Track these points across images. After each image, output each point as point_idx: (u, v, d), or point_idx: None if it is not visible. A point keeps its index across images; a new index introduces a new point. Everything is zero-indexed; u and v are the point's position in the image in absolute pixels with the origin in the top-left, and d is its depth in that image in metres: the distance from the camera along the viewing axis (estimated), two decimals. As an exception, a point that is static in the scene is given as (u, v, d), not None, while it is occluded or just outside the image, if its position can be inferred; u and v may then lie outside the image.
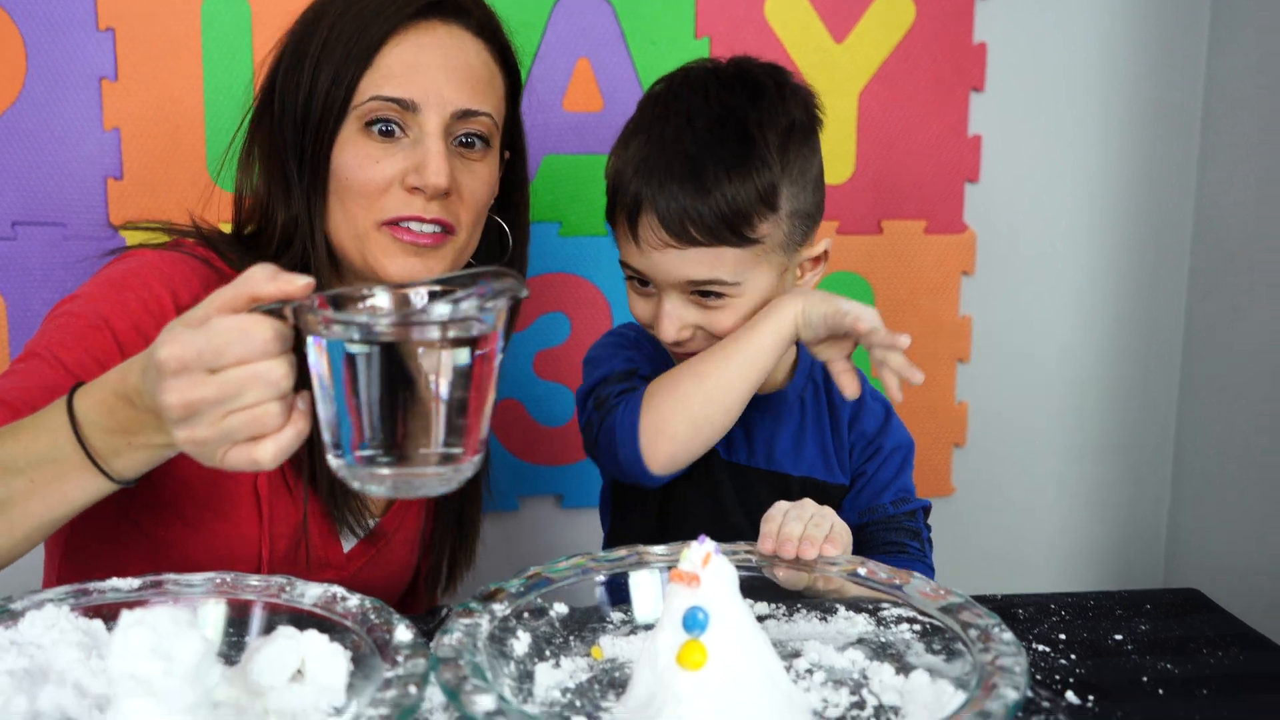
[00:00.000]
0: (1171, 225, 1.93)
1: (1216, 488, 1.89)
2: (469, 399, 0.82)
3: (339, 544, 1.25)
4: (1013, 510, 1.99)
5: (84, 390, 0.90)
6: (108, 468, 0.90)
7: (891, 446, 1.29)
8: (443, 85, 1.14)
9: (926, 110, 1.82)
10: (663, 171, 1.14)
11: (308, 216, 1.16)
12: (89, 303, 1.11)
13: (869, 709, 0.86)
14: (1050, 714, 0.87)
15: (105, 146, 1.59)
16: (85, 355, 1.07)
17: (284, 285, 0.81)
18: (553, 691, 0.88)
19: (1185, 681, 0.95)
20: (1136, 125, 1.89)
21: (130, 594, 0.89)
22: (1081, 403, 1.97)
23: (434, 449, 0.82)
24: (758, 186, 1.14)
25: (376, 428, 0.81)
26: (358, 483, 0.83)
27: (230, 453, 0.83)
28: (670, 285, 1.17)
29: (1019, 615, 1.07)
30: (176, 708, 0.70)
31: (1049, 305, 1.93)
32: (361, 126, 1.14)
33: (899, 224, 1.84)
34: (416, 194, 1.14)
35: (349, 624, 0.85)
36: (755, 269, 1.17)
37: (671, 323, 1.18)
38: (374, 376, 0.79)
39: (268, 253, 1.17)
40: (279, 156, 1.16)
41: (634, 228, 1.17)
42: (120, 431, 0.89)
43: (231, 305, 0.81)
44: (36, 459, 0.90)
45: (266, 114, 1.18)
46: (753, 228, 1.15)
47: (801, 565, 1.01)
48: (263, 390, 0.80)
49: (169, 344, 0.80)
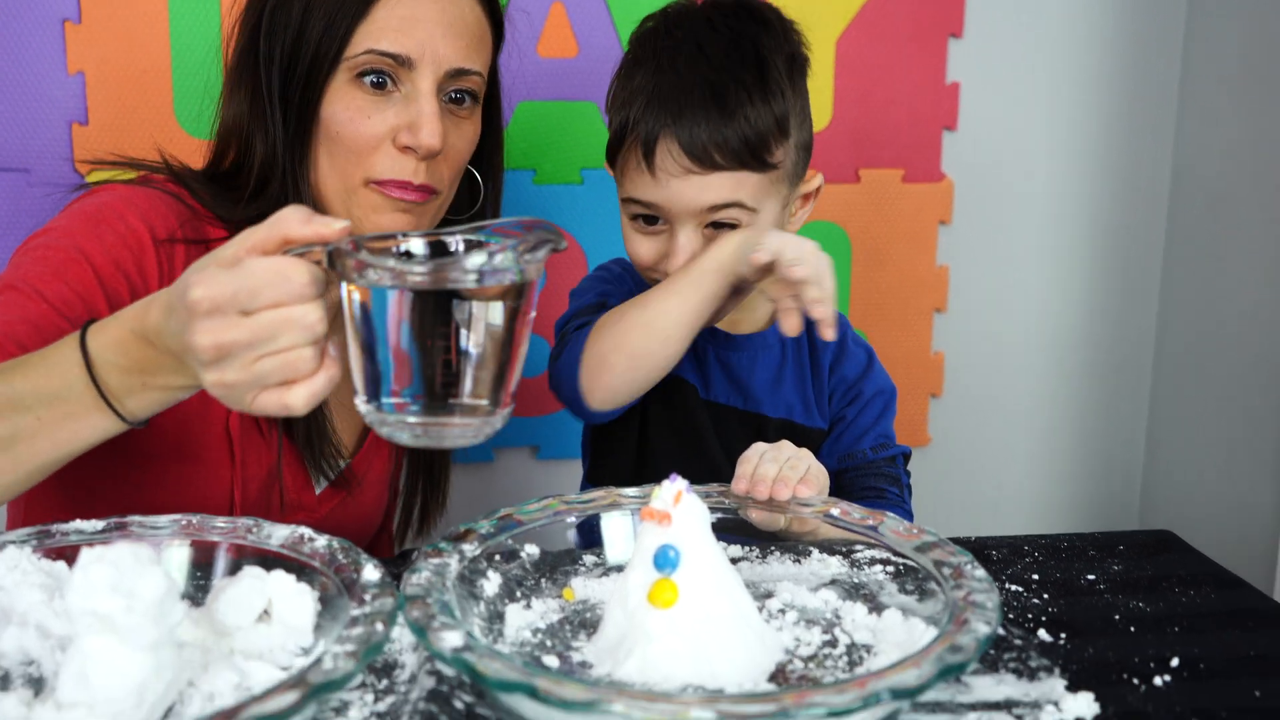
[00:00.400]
0: (1150, 171, 1.92)
1: (1192, 433, 1.90)
2: (501, 351, 0.82)
3: (311, 487, 1.24)
4: (990, 460, 1.99)
5: (97, 327, 0.88)
6: (120, 407, 0.88)
7: (873, 392, 1.29)
8: (439, 41, 1.13)
9: (904, 57, 1.80)
10: (681, 97, 1.13)
11: (290, 161, 1.14)
12: (65, 236, 1.08)
13: (841, 647, 0.85)
14: (1022, 651, 0.87)
15: (69, 91, 1.56)
16: (66, 288, 1.04)
17: (319, 228, 0.80)
18: (523, 632, 0.87)
19: (1156, 619, 0.95)
20: (1115, 72, 1.88)
21: (94, 535, 0.88)
22: (1058, 352, 1.97)
23: (464, 399, 0.82)
24: (774, 111, 1.14)
25: (407, 375, 0.80)
26: (386, 429, 0.82)
27: (260, 397, 0.81)
28: (687, 215, 1.15)
29: (992, 557, 1.07)
30: (139, 645, 0.69)
31: (1026, 255, 1.93)
32: (353, 77, 1.12)
33: (876, 173, 1.83)
34: (408, 153, 1.13)
35: (316, 565, 0.84)
36: (769, 197, 1.17)
37: (685, 256, 1.16)
38: (407, 324, 0.79)
39: (242, 193, 1.15)
40: (262, 97, 1.14)
41: (650, 157, 1.14)
42: (136, 371, 0.87)
43: (263, 246, 0.80)
44: (46, 396, 0.88)
45: (251, 52, 1.15)
46: (771, 152, 1.15)
47: (775, 506, 1.00)
48: (297, 334, 0.79)
49: (202, 284, 0.78)
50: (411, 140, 1.12)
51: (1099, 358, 1.98)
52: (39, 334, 1.00)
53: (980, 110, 1.85)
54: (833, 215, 1.82)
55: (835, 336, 1.07)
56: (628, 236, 1.21)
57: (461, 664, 0.70)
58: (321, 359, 0.81)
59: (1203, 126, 1.85)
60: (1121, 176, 1.92)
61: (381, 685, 0.80)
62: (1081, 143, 1.90)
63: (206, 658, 0.78)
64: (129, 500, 1.14)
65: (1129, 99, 1.89)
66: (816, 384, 1.29)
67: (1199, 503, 1.87)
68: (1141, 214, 1.94)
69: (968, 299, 1.91)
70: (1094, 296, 1.96)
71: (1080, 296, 1.96)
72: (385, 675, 0.82)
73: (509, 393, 0.84)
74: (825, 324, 1.06)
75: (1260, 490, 1.71)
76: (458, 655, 0.71)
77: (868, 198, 1.83)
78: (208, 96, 1.57)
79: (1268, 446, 1.70)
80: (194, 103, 1.59)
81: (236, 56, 1.17)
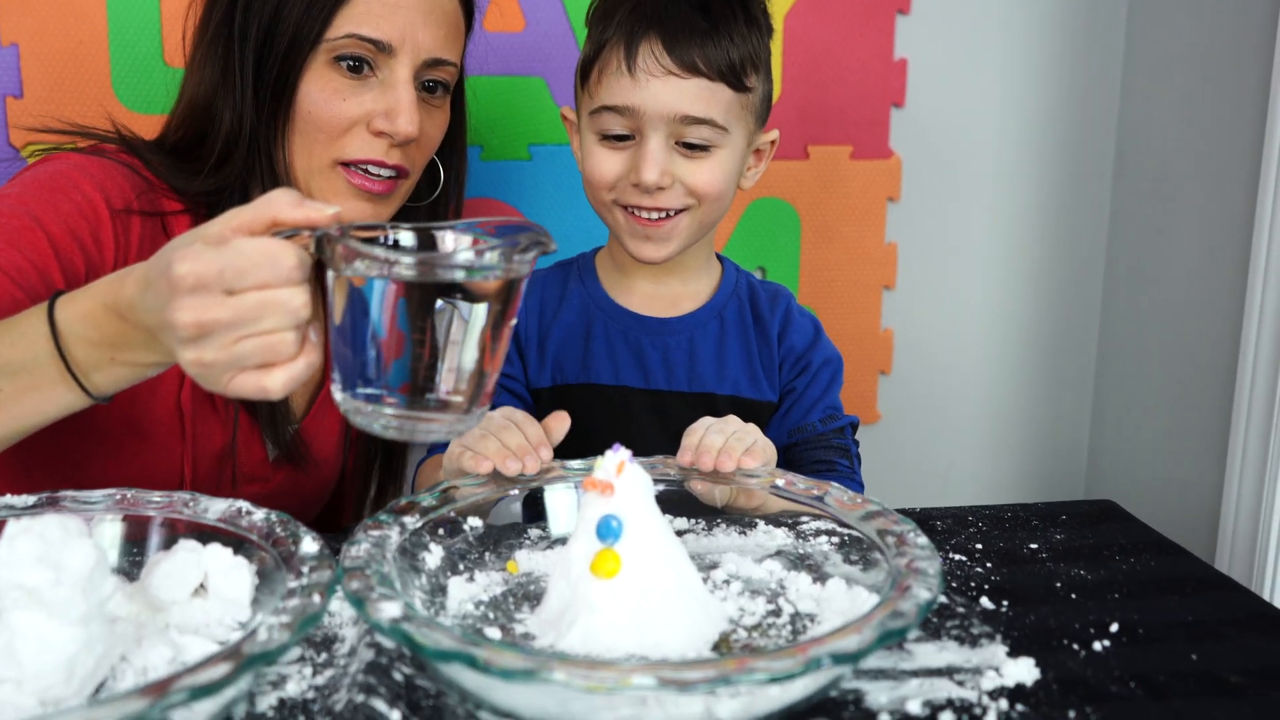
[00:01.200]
0: (1094, 149, 1.93)
1: (1136, 407, 1.92)
2: (482, 350, 0.81)
3: (265, 458, 1.22)
4: (939, 436, 2.00)
5: (67, 299, 0.86)
6: (86, 382, 0.86)
7: (820, 361, 1.28)
8: (419, 29, 1.13)
9: (852, 34, 1.80)
10: (669, 5, 1.15)
11: (259, 138, 1.13)
12: (18, 203, 1.06)
13: (785, 616, 0.85)
14: (964, 619, 0.88)
15: (3, 63, 1.52)
16: (19, 256, 1.02)
17: (310, 212, 0.78)
18: (466, 604, 0.86)
19: (1097, 586, 0.96)
20: (1061, 49, 1.89)
21: (24, 510, 0.86)
22: (1005, 328, 1.99)
23: (441, 395, 0.81)
24: (752, 39, 1.17)
25: (387, 367, 0.80)
26: (360, 419, 0.82)
27: (238, 378, 0.80)
28: (661, 121, 1.15)
29: (937, 527, 1.08)
30: (68, 619, 0.67)
31: (974, 232, 1.94)
32: (330, 60, 1.12)
33: (825, 149, 1.82)
34: (382, 138, 1.13)
35: (254, 538, 0.83)
36: (738, 123, 1.18)
37: (655, 163, 1.15)
38: (391, 316, 0.78)
39: (201, 165, 1.13)
40: (234, 72, 1.12)
41: (631, 57, 1.14)
42: (105, 345, 0.85)
43: (250, 226, 0.78)
44: (9, 368, 0.86)
45: (225, 25, 1.13)
46: (747, 75, 1.17)
47: (720, 478, 1.00)
48: (281, 318, 0.78)
49: (188, 260, 0.76)
50: (388, 126, 1.12)
51: (1045, 334, 2.00)
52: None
53: (928, 87, 1.85)
54: (781, 192, 1.82)
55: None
56: (590, 154, 1.20)
57: (400, 634, 0.69)
58: (302, 344, 0.80)
59: (1146, 105, 1.87)
60: (1067, 154, 1.93)
61: (320, 659, 0.79)
62: (1028, 120, 1.91)
63: (141, 632, 0.77)
64: (72, 475, 1.12)
65: (1074, 77, 1.91)
66: (765, 355, 1.28)
67: (1143, 475, 1.90)
68: (1087, 191, 1.95)
69: (916, 276, 1.92)
70: (1040, 273, 1.97)
71: (1027, 273, 1.97)
72: (325, 649, 0.81)
73: (486, 393, 0.84)
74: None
75: (1202, 463, 1.73)
76: (396, 626, 0.70)
77: (816, 174, 1.83)
78: (145, 70, 1.56)
79: (1210, 419, 1.72)
80: (131, 76, 1.55)
81: (208, 29, 1.16)
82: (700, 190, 1.17)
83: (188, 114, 1.17)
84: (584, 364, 1.26)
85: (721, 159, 1.18)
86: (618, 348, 1.26)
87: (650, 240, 1.19)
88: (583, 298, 1.29)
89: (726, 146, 1.18)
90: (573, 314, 1.28)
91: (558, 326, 1.28)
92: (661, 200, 1.17)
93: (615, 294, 1.28)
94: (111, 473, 1.13)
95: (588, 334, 1.27)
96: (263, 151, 1.13)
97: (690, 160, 1.17)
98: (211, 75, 1.13)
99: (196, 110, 1.15)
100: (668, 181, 1.16)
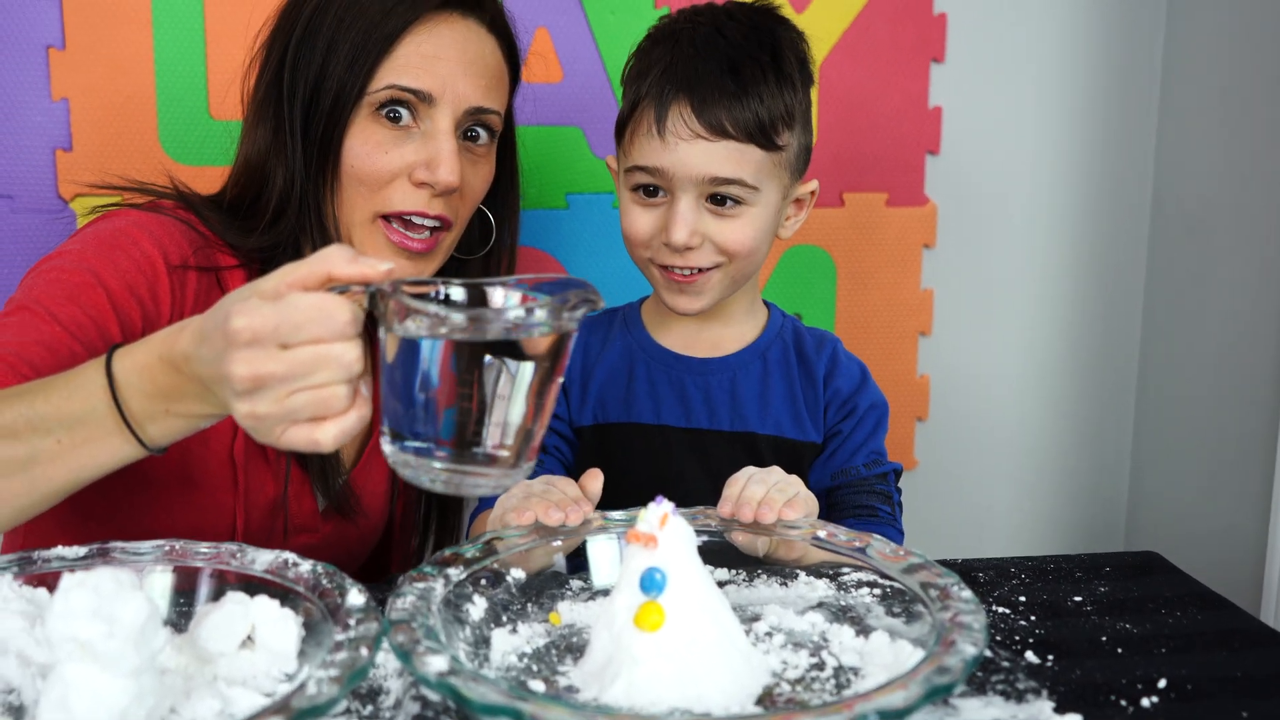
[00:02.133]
0: (1131, 195, 1.93)
1: (1176, 454, 1.90)
2: (530, 406, 0.83)
3: (316, 509, 1.23)
4: (976, 482, 1.99)
5: (124, 351, 0.88)
6: (141, 433, 0.88)
7: (866, 406, 1.28)
8: (459, 79, 1.15)
9: (887, 82, 1.81)
10: (698, 65, 1.16)
11: (309, 195, 1.15)
12: (78, 259, 1.08)
13: (828, 670, 0.85)
14: (1010, 673, 0.87)
15: (53, 117, 1.56)
16: (79, 311, 1.04)
17: (365, 269, 0.80)
18: (509, 656, 0.87)
19: (1143, 640, 0.95)
20: (1096, 95, 1.89)
21: (76, 561, 0.87)
22: (1043, 374, 1.98)
23: (488, 450, 0.83)
24: (784, 97, 1.18)
25: (436, 421, 0.81)
26: (409, 471, 0.83)
27: (290, 431, 0.81)
28: (690, 183, 1.16)
29: (979, 579, 1.07)
30: (120, 672, 0.68)
31: (1010, 278, 1.93)
32: (372, 112, 1.14)
33: (860, 196, 1.83)
34: (423, 189, 1.15)
35: (300, 590, 0.84)
36: (771, 179, 1.19)
37: (684, 224, 1.16)
38: (441, 371, 0.80)
39: (255, 223, 1.16)
40: (284, 131, 1.15)
41: (661, 120, 1.16)
42: (160, 396, 0.86)
43: (304, 282, 0.80)
44: (67, 419, 0.88)
45: (275, 87, 1.16)
46: (779, 133, 1.17)
47: (761, 529, 1.00)
48: (334, 372, 0.79)
49: (244, 314, 0.78)
50: (429, 177, 1.14)
51: (1083, 379, 1.99)
52: (52, 355, 1.00)
53: (963, 134, 1.86)
54: (817, 239, 1.83)
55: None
56: (626, 211, 1.22)
57: (446, 689, 0.70)
58: (354, 398, 0.81)
59: (1182, 149, 1.86)
60: (1103, 199, 1.93)
61: (366, 711, 0.80)
62: (1063, 166, 1.91)
63: (189, 684, 0.77)
64: (125, 526, 1.14)
65: (1109, 121, 1.91)
66: (810, 396, 1.28)
67: (1184, 524, 1.88)
68: (1123, 236, 1.95)
69: (952, 322, 1.92)
70: (1077, 319, 1.96)
71: (1064, 319, 1.96)
72: (370, 701, 0.81)
73: (533, 447, 0.85)
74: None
75: (1245, 511, 1.71)
76: (443, 680, 0.70)
77: (852, 221, 1.84)
78: (192, 124, 1.59)
79: (1252, 467, 1.70)
80: (178, 130, 1.58)
81: (260, 91, 1.18)
82: (730, 249, 1.19)
83: (243, 173, 1.19)
84: (626, 403, 1.28)
85: (752, 217, 1.19)
86: (660, 387, 1.27)
87: (684, 294, 1.21)
88: (626, 340, 1.30)
89: (758, 205, 1.19)
90: (615, 355, 1.30)
91: (601, 367, 1.29)
92: (692, 259, 1.19)
93: (659, 336, 1.30)
94: (165, 524, 1.14)
95: (630, 374, 1.28)
96: (313, 208, 1.15)
97: (720, 219, 1.18)
98: (264, 135, 1.16)
99: (251, 169, 1.17)
100: (697, 241, 1.17)
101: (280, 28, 1.17)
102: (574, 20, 1.69)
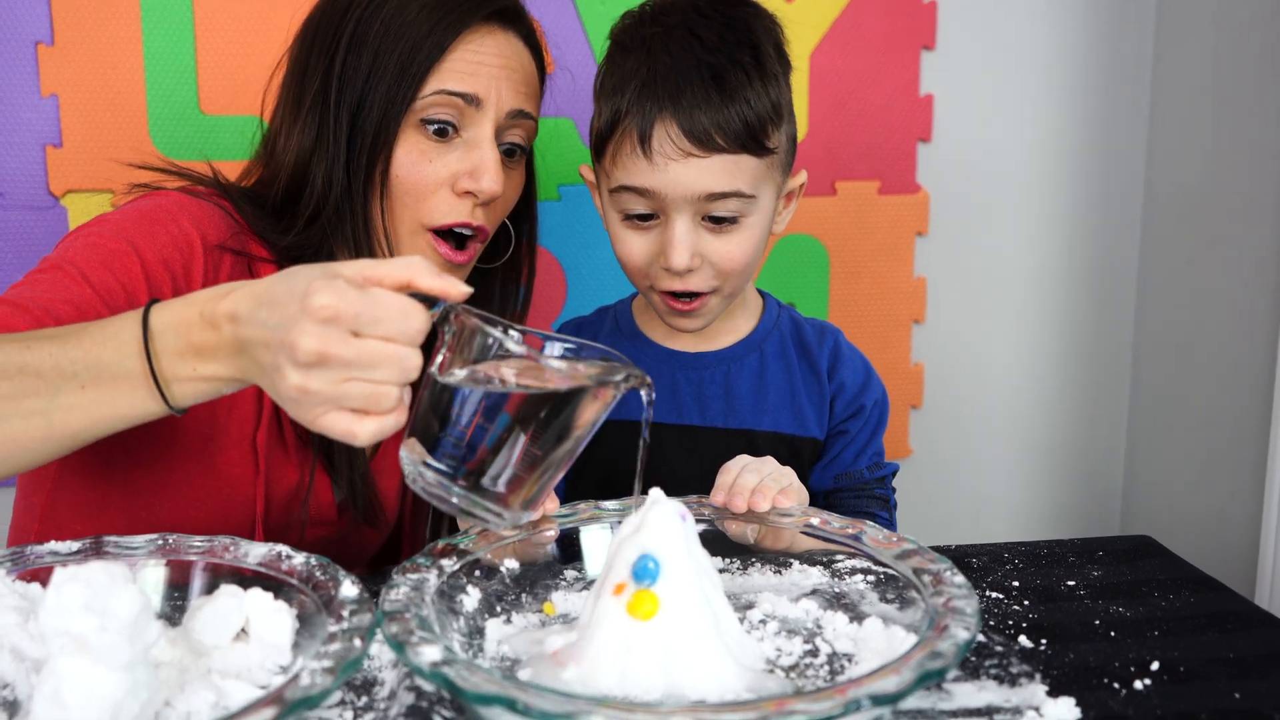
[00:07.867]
0: (1124, 181, 1.93)
1: (1171, 439, 1.90)
2: (554, 459, 0.86)
3: (333, 502, 1.24)
4: (971, 470, 2.00)
5: (162, 305, 0.88)
6: (166, 390, 0.88)
7: (872, 403, 1.27)
8: (502, 84, 1.16)
9: (878, 70, 1.81)
10: (679, 78, 1.10)
11: (358, 202, 1.15)
12: (118, 228, 1.09)
13: (822, 656, 0.85)
14: (1003, 658, 0.87)
15: (43, 113, 1.55)
16: (111, 277, 1.05)
17: (446, 285, 0.83)
18: (503, 646, 0.87)
19: (1136, 623, 0.95)
20: (1088, 81, 1.89)
21: (69, 556, 0.87)
22: (1037, 361, 1.98)
23: (500, 489, 0.85)
24: (771, 95, 1.13)
25: (463, 449, 0.84)
26: (419, 484, 0.85)
27: (330, 414, 0.82)
28: (684, 202, 1.12)
29: (973, 564, 1.07)
30: (114, 665, 0.68)
31: (1003, 265, 1.94)
32: (417, 123, 1.15)
33: (852, 185, 1.83)
34: (467, 198, 1.16)
35: (294, 582, 0.84)
36: (765, 184, 1.15)
37: (683, 247, 1.12)
38: (483, 406, 0.83)
39: (291, 224, 1.16)
40: (328, 138, 1.15)
41: (646, 140, 1.10)
42: (191, 354, 0.87)
43: (383, 280, 0.82)
44: (95, 365, 0.88)
45: (322, 93, 1.16)
46: (769, 135, 1.13)
47: (754, 518, 1.00)
48: (393, 372, 0.81)
49: (329, 293, 0.79)
50: (473, 185, 1.15)
51: (1077, 366, 1.99)
52: (79, 315, 1.00)
53: (954, 122, 1.86)
54: (809, 228, 1.83)
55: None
56: (618, 238, 1.17)
57: (440, 678, 0.70)
58: (399, 402, 0.83)
59: (1175, 134, 1.87)
60: (1096, 186, 1.93)
61: (361, 702, 0.80)
62: (1056, 152, 1.91)
63: (183, 677, 0.77)
64: (144, 514, 1.14)
65: (1101, 108, 1.91)
66: (812, 390, 1.26)
67: (1179, 508, 1.88)
68: (1116, 222, 1.95)
69: (946, 310, 1.92)
70: (1071, 305, 1.97)
71: (1058, 305, 1.97)
72: (365, 692, 0.81)
73: (541, 501, 0.89)
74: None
75: (1239, 495, 1.72)
76: (436, 670, 0.70)
77: (844, 210, 1.84)
78: (181, 118, 1.59)
79: (1245, 451, 1.71)
80: (168, 124, 1.58)
81: (304, 96, 1.17)
82: (727, 269, 1.15)
83: (276, 171, 1.19)
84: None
85: (750, 227, 1.15)
86: None
87: (684, 316, 1.19)
88: (616, 337, 1.29)
89: (755, 213, 1.15)
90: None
91: None
92: (691, 282, 1.15)
93: (650, 332, 1.29)
94: (184, 512, 1.15)
95: None
96: (350, 214, 1.16)
97: (718, 235, 1.14)
98: (305, 139, 1.16)
99: (292, 172, 1.17)
100: (697, 263, 1.14)
101: (321, 35, 1.17)
102: (564, 11, 1.69)
